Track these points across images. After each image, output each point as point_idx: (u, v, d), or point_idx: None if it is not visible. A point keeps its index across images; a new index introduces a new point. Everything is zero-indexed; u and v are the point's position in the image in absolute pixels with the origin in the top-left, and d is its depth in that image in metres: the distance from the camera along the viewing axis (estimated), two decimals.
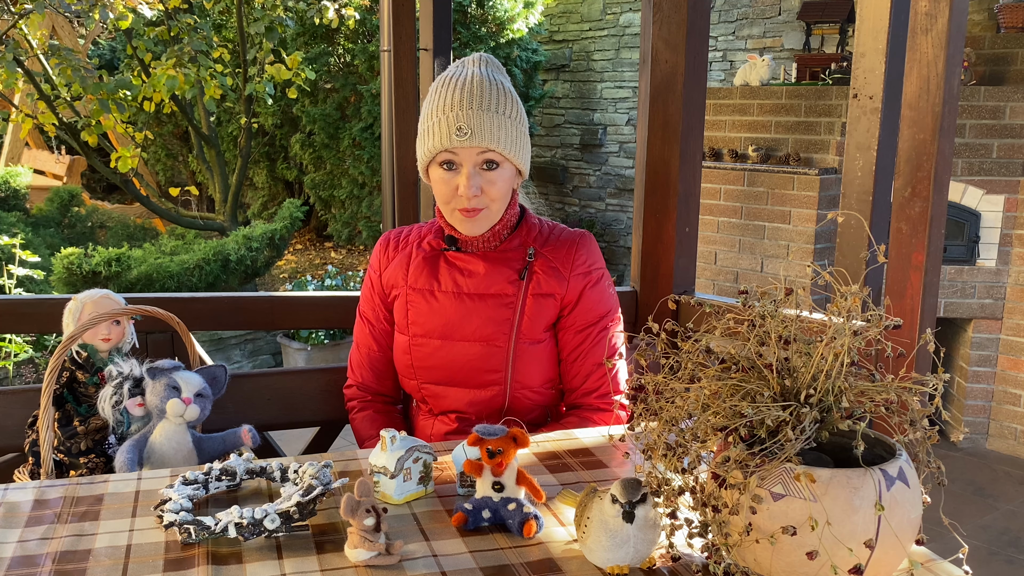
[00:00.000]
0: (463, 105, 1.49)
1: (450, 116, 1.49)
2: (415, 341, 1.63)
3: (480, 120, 1.48)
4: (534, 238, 1.64)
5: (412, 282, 1.64)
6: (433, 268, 1.63)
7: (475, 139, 1.48)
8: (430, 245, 1.66)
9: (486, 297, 1.59)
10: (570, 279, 1.61)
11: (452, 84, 1.52)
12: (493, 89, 1.51)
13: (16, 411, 1.70)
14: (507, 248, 1.62)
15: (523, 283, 1.60)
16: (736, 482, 0.92)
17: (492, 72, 1.55)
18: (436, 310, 1.61)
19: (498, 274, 1.60)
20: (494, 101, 1.50)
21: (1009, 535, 3.56)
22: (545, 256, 1.62)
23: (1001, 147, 4.30)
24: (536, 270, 1.60)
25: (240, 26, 6.27)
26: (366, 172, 7.06)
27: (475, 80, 1.51)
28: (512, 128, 1.52)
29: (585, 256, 1.63)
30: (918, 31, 1.66)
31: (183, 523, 1.08)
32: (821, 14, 5.30)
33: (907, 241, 1.71)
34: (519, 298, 1.59)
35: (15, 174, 7.20)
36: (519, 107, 1.55)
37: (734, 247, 4.97)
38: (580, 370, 1.63)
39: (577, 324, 1.62)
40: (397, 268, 1.67)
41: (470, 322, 1.59)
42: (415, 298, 1.63)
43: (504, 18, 7.01)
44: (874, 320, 0.95)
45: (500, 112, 1.50)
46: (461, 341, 1.60)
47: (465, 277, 1.61)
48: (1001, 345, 4.46)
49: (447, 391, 1.64)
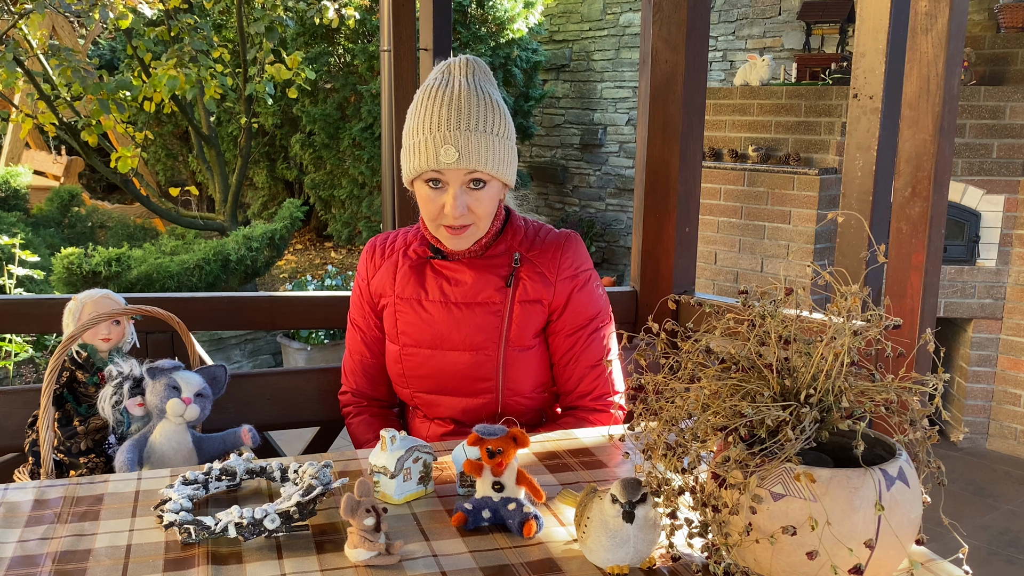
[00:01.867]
0: (450, 125, 1.44)
1: (436, 136, 1.44)
2: (406, 351, 1.63)
3: (468, 141, 1.44)
4: (519, 242, 1.61)
5: (400, 291, 1.63)
6: (420, 277, 1.62)
7: (462, 161, 1.44)
8: (416, 253, 1.64)
9: (473, 305, 1.58)
10: (556, 284, 1.59)
11: (439, 98, 1.46)
12: (481, 105, 1.46)
13: (16, 411, 1.70)
14: (493, 254, 1.60)
15: (510, 290, 1.58)
16: (736, 482, 0.92)
17: (479, 82, 1.49)
18: (425, 320, 1.60)
19: (485, 282, 1.58)
20: (482, 119, 1.46)
21: (1009, 535, 3.56)
22: (531, 261, 1.60)
23: (1001, 147, 4.30)
24: (522, 276, 1.59)
25: (240, 26, 6.26)
26: (366, 172, 7.06)
27: (462, 95, 1.46)
28: (500, 146, 1.48)
29: (571, 259, 1.61)
30: (918, 31, 1.66)
31: (183, 523, 1.08)
32: (821, 14, 5.30)
33: (907, 241, 1.71)
34: (506, 305, 1.58)
35: (15, 174, 7.20)
36: (507, 121, 1.50)
37: (734, 247, 4.97)
38: (573, 373, 1.62)
39: (567, 328, 1.61)
40: (384, 276, 1.66)
41: (459, 331, 1.58)
42: (403, 308, 1.62)
43: (504, 18, 7.01)
44: (874, 320, 0.95)
45: (488, 131, 1.46)
46: (451, 350, 1.59)
47: (452, 286, 1.59)
48: (1001, 345, 4.45)
49: (440, 399, 1.63)
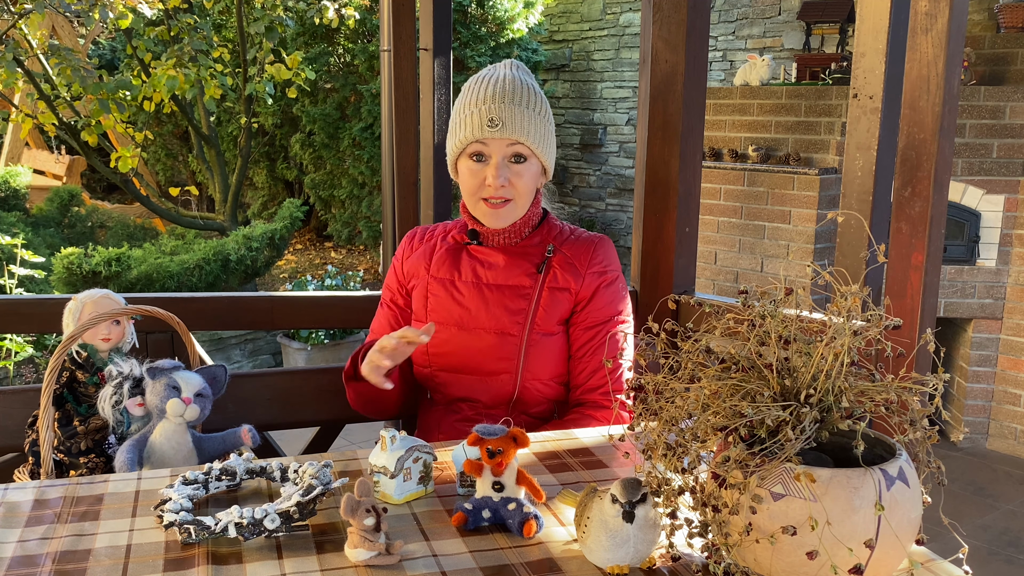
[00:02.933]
0: (495, 99, 1.56)
1: (482, 109, 1.56)
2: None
3: (511, 113, 1.56)
4: (554, 237, 1.70)
5: (434, 272, 1.70)
6: (455, 260, 1.69)
7: (505, 131, 1.55)
8: (454, 239, 1.73)
9: (504, 288, 1.65)
10: (586, 276, 1.66)
11: (484, 82, 1.60)
12: (524, 87, 1.60)
13: (16, 411, 1.70)
14: (528, 244, 1.69)
15: (540, 276, 1.65)
16: (736, 482, 0.92)
17: (522, 74, 1.63)
18: (456, 299, 1.67)
19: (517, 267, 1.66)
20: (524, 97, 1.58)
21: (1009, 535, 3.56)
22: (564, 253, 1.68)
23: (1001, 147, 4.29)
24: (554, 265, 1.67)
25: (240, 26, 6.26)
26: (366, 172, 7.06)
27: (506, 79, 1.59)
28: (541, 124, 1.60)
29: (602, 256, 1.69)
30: (918, 31, 1.66)
31: (183, 523, 1.08)
32: (821, 14, 5.30)
33: (907, 241, 1.71)
34: (535, 290, 1.64)
35: (15, 174, 7.21)
36: (547, 108, 1.63)
37: (734, 247, 4.97)
38: (587, 366, 1.66)
39: (588, 321, 1.66)
40: (419, 258, 1.73)
41: (487, 311, 1.64)
42: (436, 287, 1.69)
43: (504, 18, 7.01)
44: (874, 320, 0.95)
45: (530, 108, 1.58)
46: (477, 329, 1.64)
47: (485, 268, 1.67)
48: (1001, 345, 4.45)
49: (459, 378, 1.67)
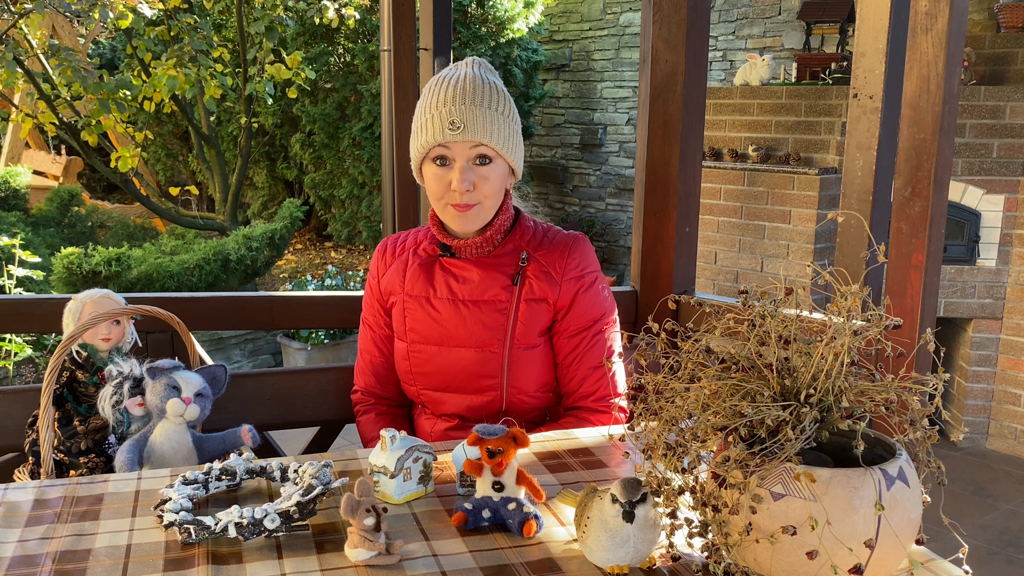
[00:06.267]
0: (455, 100, 1.50)
1: (443, 111, 1.50)
2: (413, 348, 1.64)
3: (473, 115, 1.50)
4: (527, 241, 1.64)
5: (409, 289, 1.65)
6: (429, 275, 1.64)
7: (467, 133, 1.49)
8: (426, 251, 1.67)
9: (480, 303, 1.60)
10: (562, 284, 1.60)
11: (444, 83, 1.54)
12: (486, 87, 1.53)
13: (16, 411, 1.70)
14: (501, 253, 1.62)
15: (516, 288, 1.60)
16: (736, 482, 0.92)
17: (484, 73, 1.57)
18: (433, 317, 1.62)
19: (491, 279, 1.60)
20: (487, 97, 1.52)
21: (1009, 535, 3.56)
22: (538, 260, 1.61)
23: (1001, 147, 4.29)
24: (529, 275, 1.61)
25: (240, 26, 6.26)
26: (366, 172, 7.06)
27: (467, 78, 1.53)
28: (504, 125, 1.53)
29: (578, 260, 1.62)
30: (918, 31, 1.66)
31: (183, 523, 1.08)
32: (821, 14, 5.30)
33: (907, 241, 1.71)
34: (512, 303, 1.59)
35: (15, 174, 7.21)
36: (511, 106, 1.57)
37: (734, 247, 4.97)
38: (576, 374, 1.63)
39: (571, 328, 1.62)
40: (394, 274, 1.68)
41: (465, 328, 1.60)
42: (412, 305, 1.64)
43: (504, 18, 7.01)
44: (874, 320, 0.95)
45: (492, 108, 1.52)
46: (457, 347, 1.60)
47: (460, 283, 1.61)
48: (1001, 345, 4.45)
49: (445, 396, 1.64)
